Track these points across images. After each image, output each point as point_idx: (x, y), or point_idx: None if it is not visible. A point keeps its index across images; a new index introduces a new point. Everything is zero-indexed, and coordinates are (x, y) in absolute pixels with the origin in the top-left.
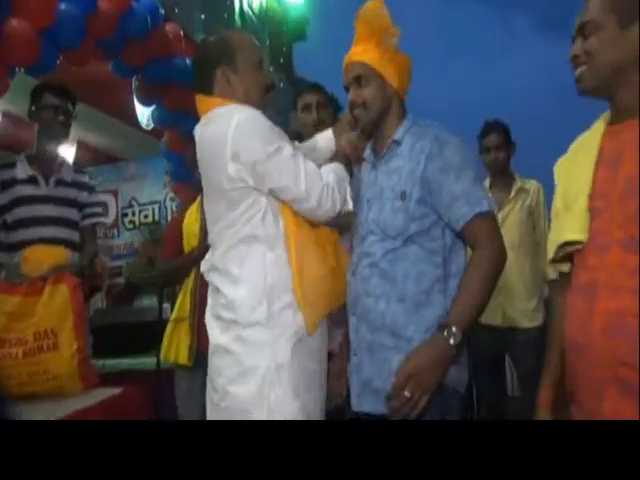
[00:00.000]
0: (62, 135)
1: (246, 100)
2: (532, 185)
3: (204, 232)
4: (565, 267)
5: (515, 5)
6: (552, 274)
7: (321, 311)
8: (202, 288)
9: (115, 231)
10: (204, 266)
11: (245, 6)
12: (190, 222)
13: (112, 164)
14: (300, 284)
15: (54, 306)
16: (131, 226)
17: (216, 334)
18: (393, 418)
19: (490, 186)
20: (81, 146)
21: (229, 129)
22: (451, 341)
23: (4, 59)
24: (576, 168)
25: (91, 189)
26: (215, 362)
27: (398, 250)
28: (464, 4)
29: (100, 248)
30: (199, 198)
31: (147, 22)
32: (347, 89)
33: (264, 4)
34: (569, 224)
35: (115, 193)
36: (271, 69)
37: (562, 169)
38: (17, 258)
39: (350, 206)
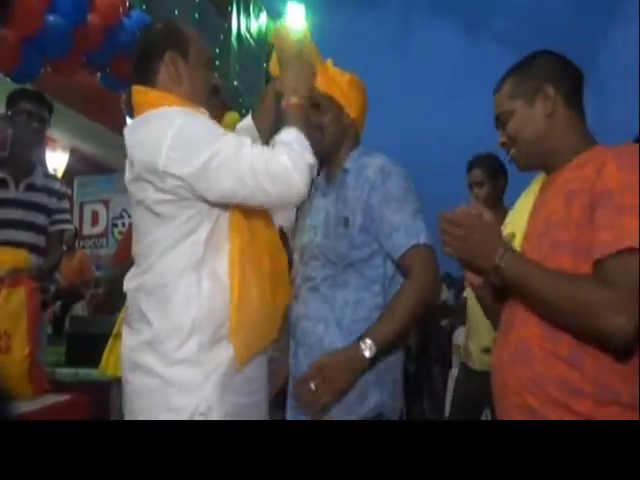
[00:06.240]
0: (35, 141)
1: (192, 95)
2: None
3: None
4: None
5: None
6: None
7: (256, 346)
8: None
9: (104, 240)
10: (129, 283)
11: (243, 29)
12: None
13: (106, 175)
14: (238, 314)
15: (10, 308)
16: (120, 236)
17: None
18: (297, 407)
19: None
20: (75, 154)
21: (165, 139)
22: (366, 353)
23: None
24: (513, 216)
25: (61, 196)
26: (136, 402)
27: (338, 276)
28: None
29: (89, 257)
30: None
31: (136, 37)
32: None
33: (263, 28)
34: None
35: (107, 203)
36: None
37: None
38: None
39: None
